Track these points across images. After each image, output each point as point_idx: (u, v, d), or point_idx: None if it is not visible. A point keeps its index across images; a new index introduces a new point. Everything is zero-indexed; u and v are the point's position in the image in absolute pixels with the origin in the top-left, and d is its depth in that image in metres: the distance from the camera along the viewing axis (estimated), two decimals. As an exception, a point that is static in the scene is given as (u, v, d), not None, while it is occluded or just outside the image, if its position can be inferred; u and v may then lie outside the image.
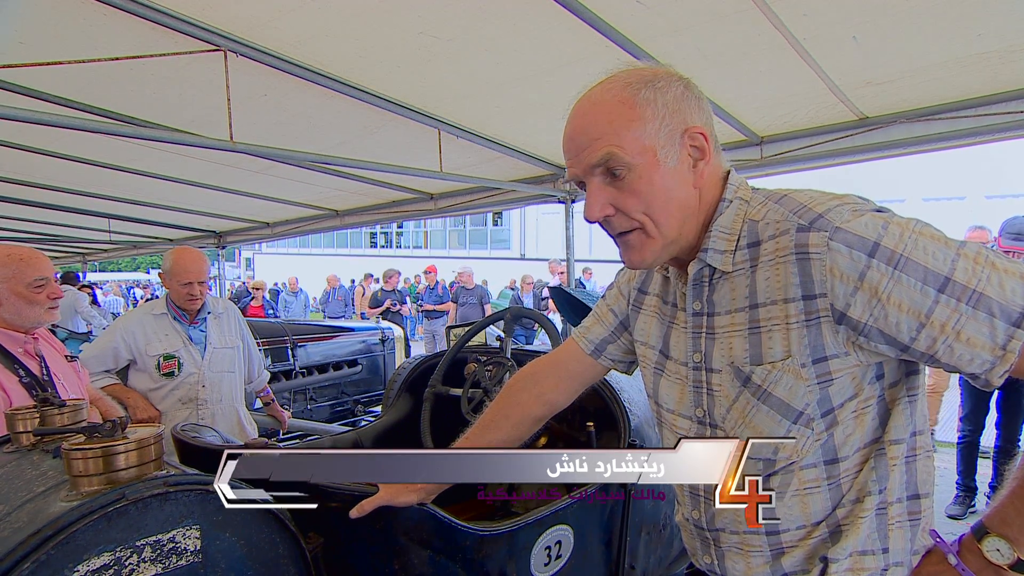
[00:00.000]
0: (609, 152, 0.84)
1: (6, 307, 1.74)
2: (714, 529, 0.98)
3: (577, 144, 0.87)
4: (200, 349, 2.61)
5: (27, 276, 1.76)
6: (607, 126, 0.84)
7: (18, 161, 4.13)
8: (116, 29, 2.26)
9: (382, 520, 1.21)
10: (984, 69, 2.56)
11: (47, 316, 1.82)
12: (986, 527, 0.80)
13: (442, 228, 26.89)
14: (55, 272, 1.92)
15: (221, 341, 2.67)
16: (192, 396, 2.57)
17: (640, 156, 0.84)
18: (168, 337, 2.55)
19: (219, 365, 2.64)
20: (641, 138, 0.84)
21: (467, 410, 1.91)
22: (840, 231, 0.79)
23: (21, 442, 1.27)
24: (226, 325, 2.73)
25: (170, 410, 2.53)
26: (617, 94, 0.86)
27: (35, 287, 1.77)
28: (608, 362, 1.19)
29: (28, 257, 1.80)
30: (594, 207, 0.87)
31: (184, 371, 2.54)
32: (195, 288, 2.52)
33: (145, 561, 0.96)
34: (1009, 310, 0.73)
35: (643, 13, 2.20)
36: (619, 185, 0.86)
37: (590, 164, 0.86)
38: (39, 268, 1.79)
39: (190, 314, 2.61)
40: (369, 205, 5.85)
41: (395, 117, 3.21)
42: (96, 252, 10.49)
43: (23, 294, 1.75)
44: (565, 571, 1.51)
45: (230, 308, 2.84)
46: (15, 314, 1.76)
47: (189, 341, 2.59)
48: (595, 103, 0.87)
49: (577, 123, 0.88)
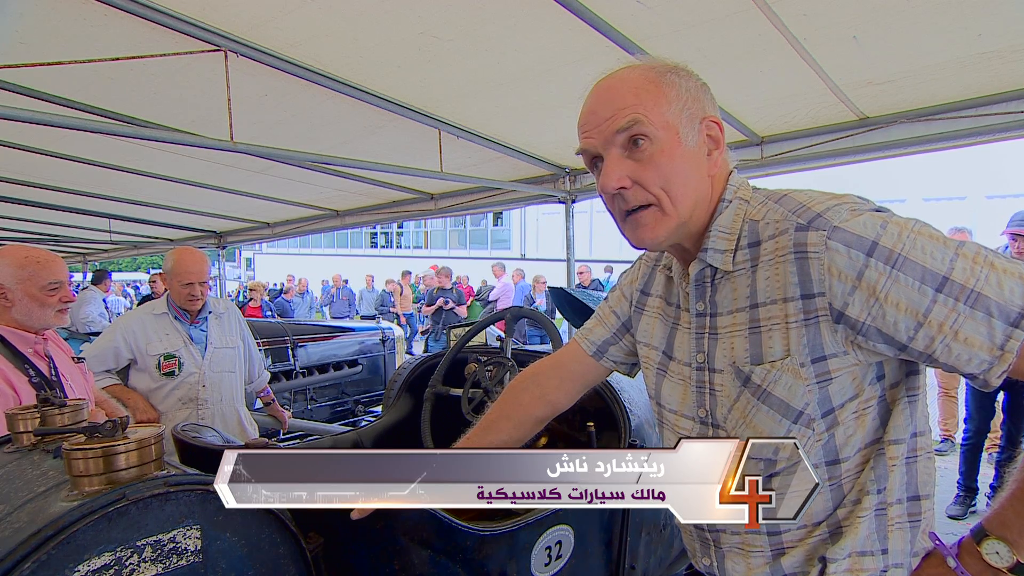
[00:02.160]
0: (635, 118, 0.84)
1: (18, 308, 1.75)
2: (714, 530, 0.98)
3: (599, 115, 0.87)
4: (201, 349, 2.61)
5: (42, 279, 1.78)
6: (634, 98, 0.85)
7: (18, 161, 4.13)
8: (116, 29, 2.26)
9: (382, 520, 1.21)
10: (984, 69, 2.56)
11: (56, 319, 1.84)
12: (985, 529, 0.80)
13: (442, 228, 26.88)
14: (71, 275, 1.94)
15: (222, 341, 2.67)
16: (192, 396, 2.56)
17: (663, 130, 0.85)
18: (169, 337, 2.55)
19: (219, 365, 2.64)
20: (665, 114, 0.85)
21: (467, 410, 1.91)
22: (838, 230, 0.79)
23: (22, 442, 1.27)
24: (227, 325, 2.73)
25: (170, 410, 2.53)
26: (644, 73, 0.87)
27: (49, 290, 1.79)
28: (610, 363, 1.19)
29: (45, 260, 1.82)
30: (611, 176, 0.86)
31: (184, 371, 2.54)
32: (196, 289, 2.53)
33: (146, 561, 0.96)
34: (1007, 310, 0.73)
35: (643, 13, 2.20)
36: (639, 156, 0.85)
37: (613, 130, 0.85)
38: (55, 272, 1.81)
39: (191, 314, 2.61)
40: (369, 205, 5.85)
41: (395, 117, 3.21)
42: (96, 252, 10.49)
43: (36, 296, 1.77)
44: (565, 571, 1.51)
45: (231, 308, 2.84)
46: (26, 315, 1.77)
47: (190, 340, 2.59)
48: (621, 79, 0.88)
49: (602, 96, 0.88)
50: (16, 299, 1.76)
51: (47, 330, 1.89)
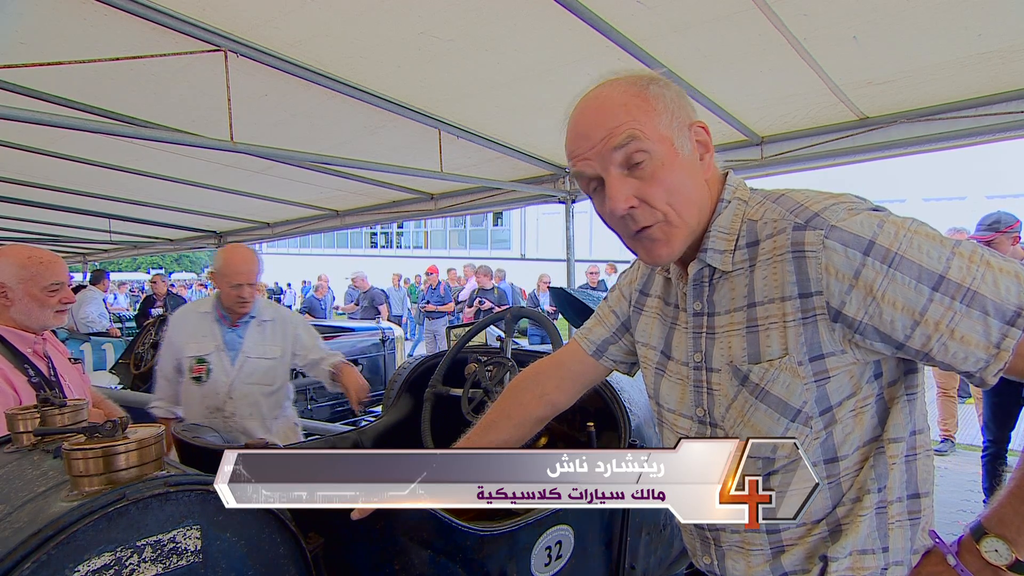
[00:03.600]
0: (631, 134, 0.83)
1: (18, 307, 1.76)
2: (714, 529, 0.98)
3: (592, 138, 0.85)
4: (233, 356, 2.37)
5: (44, 279, 1.78)
6: (625, 114, 0.84)
7: (18, 161, 4.13)
8: (116, 29, 2.26)
9: (382, 520, 1.21)
10: (984, 69, 2.56)
11: (55, 320, 1.84)
12: (984, 528, 0.81)
13: (442, 228, 26.91)
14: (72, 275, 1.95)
15: (258, 350, 2.40)
16: (218, 405, 2.35)
17: (660, 143, 0.84)
18: (204, 339, 2.36)
19: (251, 376, 2.37)
20: (659, 127, 0.85)
21: (467, 410, 1.91)
22: (835, 229, 0.79)
23: (22, 442, 1.27)
24: (269, 333, 2.44)
25: (196, 419, 2.37)
26: (627, 89, 0.86)
27: (50, 291, 1.79)
28: (610, 363, 1.20)
29: (48, 260, 1.81)
30: (619, 198, 0.84)
31: (212, 378, 2.33)
32: (245, 290, 2.31)
33: (146, 561, 0.96)
34: (1003, 308, 0.73)
35: (643, 13, 2.20)
36: (640, 175, 0.84)
37: (610, 148, 0.84)
38: (57, 272, 1.81)
39: (236, 316, 2.39)
40: (369, 205, 5.85)
41: (395, 117, 3.21)
42: (96, 252, 10.50)
43: (37, 296, 1.77)
44: (565, 571, 1.51)
45: (281, 316, 2.53)
46: (25, 315, 1.77)
47: (223, 346, 2.37)
48: (607, 97, 0.87)
49: (590, 116, 0.87)
50: (16, 298, 1.76)
51: (45, 330, 1.89)
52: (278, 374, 2.45)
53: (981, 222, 3.44)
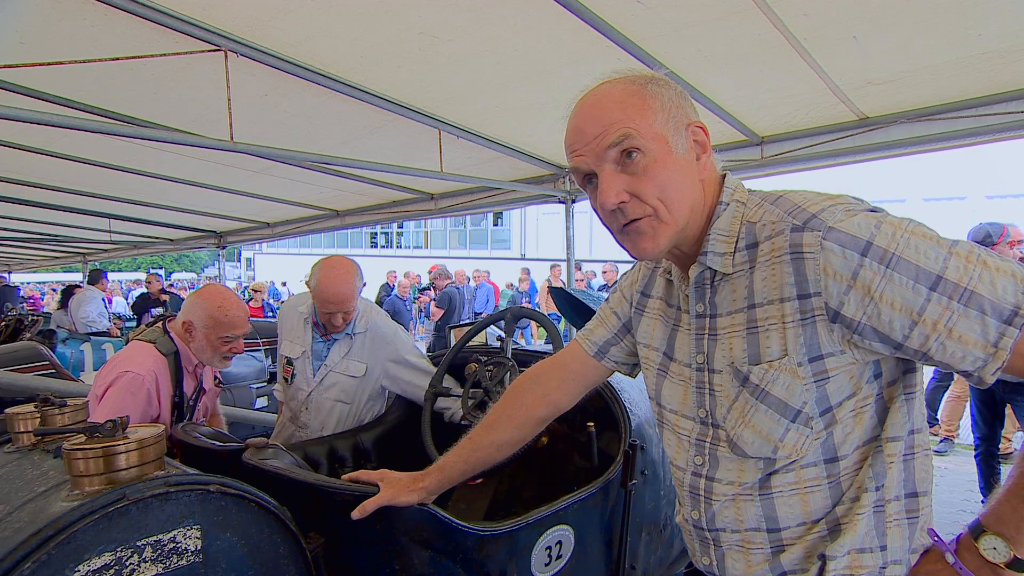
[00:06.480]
0: (625, 132, 0.85)
1: (196, 343, 1.98)
2: (714, 529, 0.98)
3: (588, 133, 0.87)
4: (316, 365, 2.22)
5: (223, 331, 1.97)
6: (621, 113, 0.86)
7: (18, 161, 4.13)
8: (116, 29, 2.26)
9: (382, 520, 1.22)
10: (984, 69, 2.56)
11: (219, 364, 2.04)
12: (983, 525, 0.81)
13: (443, 228, 26.89)
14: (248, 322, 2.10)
15: (341, 365, 2.19)
16: (296, 413, 2.24)
17: (654, 141, 0.86)
18: (296, 342, 2.27)
19: (330, 391, 2.19)
20: (653, 125, 0.86)
21: (467, 410, 1.91)
22: (833, 231, 0.79)
23: (22, 442, 1.27)
24: (356, 348, 2.21)
25: (284, 420, 2.29)
26: (625, 87, 0.88)
27: (224, 341, 1.99)
28: (611, 364, 1.20)
29: (233, 316, 1.98)
30: (610, 192, 0.86)
31: (295, 384, 2.23)
32: (337, 318, 2.13)
33: (146, 561, 0.96)
34: (1001, 308, 0.73)
35: (643, 13, 2.20)
36: (633, 170, 0.86)
37: (605, 146, 0.86)
38: (237, 328, 2.00)
39: (330, 329, 2.21)
40: (369, 205, 5.85)
41: (395, 117, 3.21)
42: (96, 252, 10.49)
43: (212, 342, 1.97)
44: (566, 571, 1.51)
45: (373, 328, 2.24)
46: (199, 351, 1.99)
47: (310, 353, 2.23)
48: (605, 95, 0.88)
49: (588, 113, 0.89)
50: (197, 337, 1.97)
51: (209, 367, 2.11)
52: (363, 392, 2.23)
53: (969, 235, 3.44)
